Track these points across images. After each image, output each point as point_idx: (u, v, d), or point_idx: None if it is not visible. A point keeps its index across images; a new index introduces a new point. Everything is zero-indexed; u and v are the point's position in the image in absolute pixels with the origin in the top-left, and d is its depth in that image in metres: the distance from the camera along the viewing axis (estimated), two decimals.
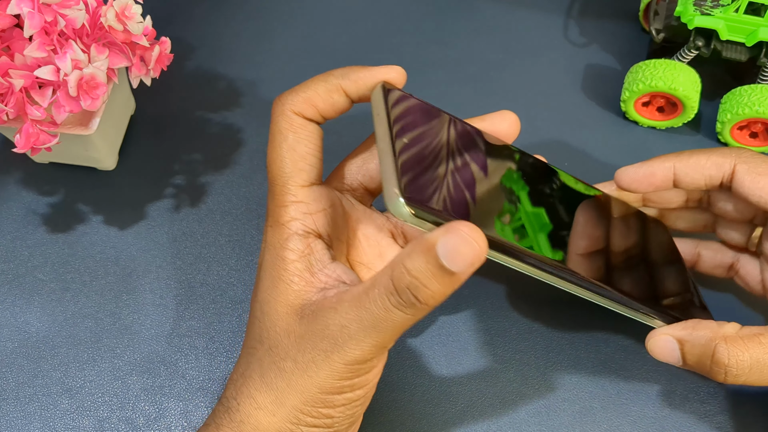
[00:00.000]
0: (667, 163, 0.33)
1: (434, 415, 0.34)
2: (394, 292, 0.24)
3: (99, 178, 0.42)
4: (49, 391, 0.35)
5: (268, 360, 0.27)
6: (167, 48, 0.38)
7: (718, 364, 0.29)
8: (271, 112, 0.29)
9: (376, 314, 0.24)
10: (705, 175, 0.33)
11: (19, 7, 0.32)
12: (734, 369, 0.28)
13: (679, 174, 0.33)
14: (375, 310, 0.24)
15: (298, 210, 0.28)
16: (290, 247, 0.28)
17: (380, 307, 0.24)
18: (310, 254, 0.28)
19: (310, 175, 0.29)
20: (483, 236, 0.23)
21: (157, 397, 0.35)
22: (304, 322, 0.26)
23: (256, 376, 0.27)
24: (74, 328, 0.37)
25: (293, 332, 0.27)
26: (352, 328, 0.25)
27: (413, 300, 0.24)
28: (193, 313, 0.37)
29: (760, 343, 0.28)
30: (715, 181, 0.32)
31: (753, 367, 0.28)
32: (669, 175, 0.33)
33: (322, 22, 0.50)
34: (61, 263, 0.39)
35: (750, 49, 0.42)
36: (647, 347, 0.31)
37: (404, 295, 0.24)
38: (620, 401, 0.35)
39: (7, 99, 0.33)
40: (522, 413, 0.34)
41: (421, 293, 0.23)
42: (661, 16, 0.44)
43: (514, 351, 0.36)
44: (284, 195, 0.28)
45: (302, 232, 0.28)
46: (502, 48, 0.49)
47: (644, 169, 0.33)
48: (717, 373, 0.29)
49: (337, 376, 0.26)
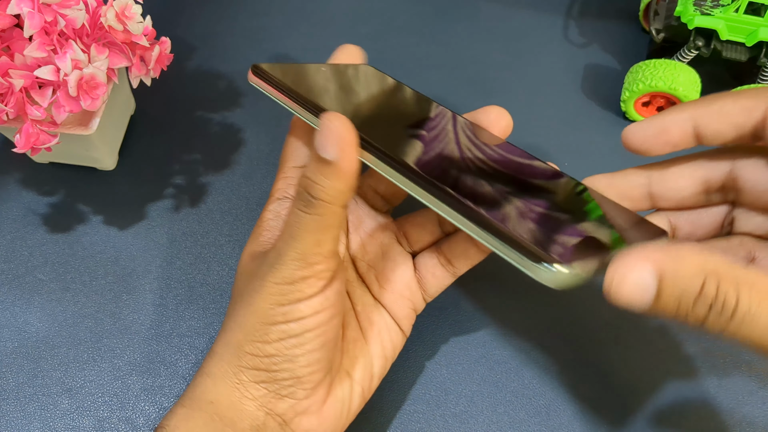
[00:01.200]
0: (684, 113, 0.27)
1: (434, 415, 0.34)
2: (299, 199, 0.26)
3: (99, 178, 0.42)
4: (49, 391, 0.35)
5: (229, 308, 0.29)
6: (167, 48, 0.38)
7: (705, 298, 0.22)
8: None
9: (290, 224, 0.26)
10: (733, 124, 0.26)
11: (19, 7, 0.32)
12: (720, 307, 0.22)
13: (701, 125, 0.27)
14: (290, 221, 0.26)
15: (285, 182, 0.31)
16: (269, 209, 0.31)
17: (292, 216, 0.26)
18: (285, 213, 0.30)
19: (303, 161, 0.31)
20: (347, 123, 0.25)
21: (157, 397, 0.35)
22: (256, 259, 0.29)
23: (223, 331, 0.29)
24: (74, 328, 0.37)
25: (247, 271, 0.29)
26: (279, 247, 0.27)
27: (309, 198, 0.26)
28: (193, 313, 0.37)
29: (755, 286, 0.22)
30: (745, 130, 0.26)
31: (741, 310, 0.22)
32: (688, 129, 0.27)
33: (322, 22, 0.50)
34: (61, 263, 0.39)
35: (750, 49, 0.42)
36: (609, 285, 0.22)
37: (303, 196, 0.26)
38: (620, 401, 0.35)
39: (7, 99, 0.33)
40: (522, 413, 0.34)
41: (313, 190, 0.25)
42: (661, 16, 0.44)
43: (514, 351, 0.36)
44: (278, 173, 0.32)
45: (282, 197, 0.31)
46: (502, 48, 0.49)
47: (657, 124, 0.27)
48: (699, 311, 0.22)
49: (270, 300, 0.27)
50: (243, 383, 0.27)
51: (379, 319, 0.32)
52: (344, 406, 0.29)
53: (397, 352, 0.32)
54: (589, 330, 0.37)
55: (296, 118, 0.32)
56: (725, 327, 0.22)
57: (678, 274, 0.22)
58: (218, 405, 0.27)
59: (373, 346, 0.31)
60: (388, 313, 0.32)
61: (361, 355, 0.31)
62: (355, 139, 0.25)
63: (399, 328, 0.32)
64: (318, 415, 0.28)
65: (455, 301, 0.38)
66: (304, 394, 0.28)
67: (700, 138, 0.27)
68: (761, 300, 0.21)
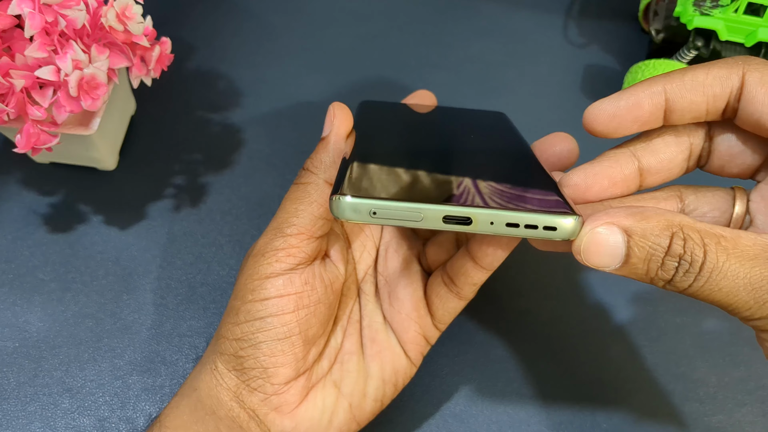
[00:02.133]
0: (656, 86, 0.25)
1: (434, 415, 0.34)
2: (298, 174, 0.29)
3: (99, 178, 0.42)
4: (49, 391, 0.35)
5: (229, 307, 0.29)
6: (167, 48, 0.38)
7: (672, 257, 0.22)
8: None
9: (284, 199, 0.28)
10: (707, 95, 0.24)
11: (20, 7, 0.32)
12: (687, 264, 0.22)
13: (673, 98, 0.25)
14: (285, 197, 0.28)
15: None
16: None
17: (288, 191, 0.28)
18: None
19: None
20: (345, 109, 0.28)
21: (157, 396, 0.35)
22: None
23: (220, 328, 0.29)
24: (75, 327, 0.37)
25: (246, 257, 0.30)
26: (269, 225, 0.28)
27: (300, 170, 0.28)
28: (194, 312, 0.37)
29: (720, 244, 0.22)
30: (720, 101, 0.24)
31: (707, 268, 0.22)
32: (659, 102, 0.25)
33: (323, 22, 0.50)
34: (61, 263, 0.39)
35: (749, 49, 0.42)
36: (578, 247, 0.23)
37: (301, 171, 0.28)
38: (620, 401, 0.35)
39: (8, 99, 0.33)
40: (522, 413, 0.35)
41: (305, 163, 0.28)
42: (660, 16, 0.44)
43: (514, 351, 0.36)
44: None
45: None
46: (503, 48, 0.49)
47: (626, 99, 0.25)
48: (666, 270, 0.22)
49: (245, 275, 0.28)
50: (219, 370, 0.28)
51: (383, 338, 0.31)
52: (324, 415, 0.28)
53: (399, 377, 0.31)
54: (590, 330, 0.37)
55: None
56: (692, 284, 0.22)
57: (645, 232, 0.22)
58: (200, 392, 0.28)
59: (371, 365, 0.30)
60: (394, 335, 0.31)
61: (356, 369, 0.30)
62: (346, 120, 0.28)
63: (405, 353, 0.31)
64: (291, 416, 0.28)
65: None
66: (272, 389, 0.27)
67: (669, 114, 0.25)
68: (728, 256, 0.22)
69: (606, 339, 0.37)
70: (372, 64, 0.47)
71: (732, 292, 0.22)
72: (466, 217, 0.23)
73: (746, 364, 0.36)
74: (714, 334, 0.37)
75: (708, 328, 0.37)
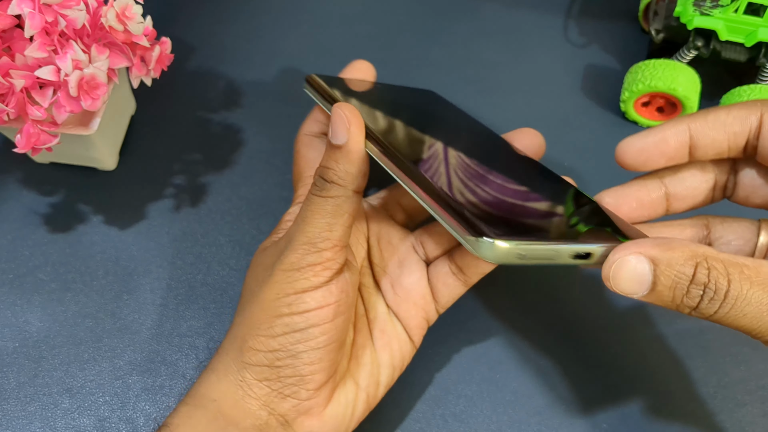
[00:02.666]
0: (681, 125, 0.27)
1: (434, 415, 0.34)
2: (313, 185, 0.28)
3: (99, 178, 0.42)
4: (49, 391, 0.35)
5: (238, 306, 0.29)
6: (168, 48, 0.38)
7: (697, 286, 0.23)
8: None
9: (303, 209, 0.28)
10: (728, 133, 0.27)
11: (20, 7, 0.32)
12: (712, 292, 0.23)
13: (697, 136, 0.27)
14: (303, 207, 0.28)
15: (306, 189, 0.32)
16: (289, 211, 0.32)
17: (306, 202, 0.28)
18: None
19: None
20: (355, 110, 0.27)
21: (157, 396, 0.35)
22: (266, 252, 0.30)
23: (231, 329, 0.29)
24: (75, 327, 0.37)
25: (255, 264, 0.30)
26: (290, 232, 0.28)
27: (323, 182, 0.27)
28: (193, 313, 0.37)
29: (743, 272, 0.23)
30: (740, 139, 0.27)
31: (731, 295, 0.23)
32: (684, 140, 0.27)
33: (322, 22, 0.50)
34: (61, 263, 0.39)
35: (749, 49, 0.42)
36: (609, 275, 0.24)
37: (317, 182, 0.28)
38: (620, 401, 0.35)
39: (7, 99, 0.33)
40: (522, 413, 0.35)
41: (326, 174, 0.27)
42: (660, 16, 0.44)
43: (514, 351, 0.36)
44: (297, 183, 0.33)
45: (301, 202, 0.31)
46: (502, 48, 0.49)
47: (653, 136, 0.28)
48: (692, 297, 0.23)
49: (276, 289, 0.27)
50: (246, 381, 0.27)
51: (390, 328, 0.31)
52: (347, 411, 0.29)
53: (405, 362, 0.32)
54: (590, 330, 0.37)
55: (304, 131, 0.34)
56: (717, 311, 0.23)
57: (671, 261, 0.23)
58: (221, 403, 0.27)
59: (382, 355, 0.31)
60: (401, 323, 0.32)
61: (370, 362, 0.30)
62: (361, 123, 0.28)
63: (409, 338, 0.32)
64: (320, 417, 0.28)
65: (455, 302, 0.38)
66: (307, 395, 0.28)
67: (694, 150, 0.28)
68: (751, 284, 0.23)
69: (606, 339, 0.37)
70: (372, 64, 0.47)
71: (756, 317, 0.23)
72: (588, 253, 0.24)
73: (746, 364, 0.36)
74: (714, 334, 0.37)
75: (708, 328, 0.37)
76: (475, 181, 0.28)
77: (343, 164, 0.27)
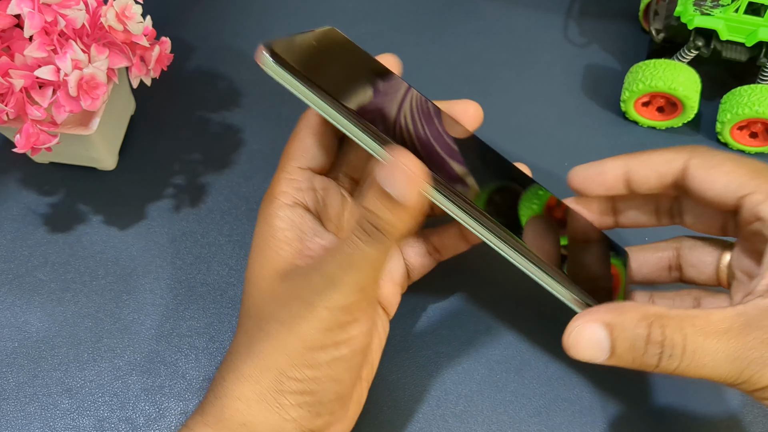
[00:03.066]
0: (619, 161, 0.31)
1: (434, 415, 0.34)
2: (360, 229, 0.26)
3: (99, 178, 0.42)
4: (49, 391, 0.35)
5: (254, 328, 0.27)
6: (167, 48, 0.38)
7: (654, 345, 0.25)
8: None
9: (350, 254, 0.26)
10: (657, 172, 0.30)
11: (20, 7, 0.32)
12: (670, 349, 0.25)
13: (631, 172, 0.31)
14: (349, 251, 0.26)
15: (290, 185, 0.30)
16: (280, 216, 0.29)
17: (353, 246, 0.26)
18: (301, 224, 0.29)
19: (309, 163, 0.31)
20: (417, 162, 0.25)
21: (157, 397, 0.35)
22: (288, 280, 0.27)
23: (242, 349, 0.27)
24: (74, 327, 0.37)
25: (277, 292, 0.27)
26: (332, 273, 0.26)
27: (376, 232, 0.25)
28: (193, 313, 0.37)
29: (695, 325, 0.25)
30: (667, 179, 0.30)
31: (688, 349, 0.25)
32: (620, 174, 0.31)
33: (322, 22, 0.50)
34: (61, 263, 0.39)
35: (750, 49, 0.42)
36: (568, 343, 0.26)
37: (368, 228, 0.25)
38: (620, 401, 0.35)
39: (7, 99, 0.33)
40: (522, 413, 0.34)
41: (381, 224, 0.25)
42: (661, 16, 0.44)
43: (514, 351, 0.36)
44: (281, 172, 0.30)
45: (291, 202, 0.29)
46: (502, 48, 0.49)
47: (594, 168, 0.32)
48: (651, 356, 0.25)
49: (321, 326, 0.26)
50: (283, 406, 0.27)
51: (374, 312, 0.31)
52: (360, 405, 0.30)
53: (384, 338, 0.32)
54: None
55: (310, 114, 0.31)
56: (678, 366, 0.25)
57: (624, 324, 0.25)
58: (252, 427, 0.27)
59: (374, 341, 0.31)
60: (381, 306, 0.32)
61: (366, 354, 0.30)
62: (425, 180, 0.25)
63: (387, 315, 0.32)
64: (344, 421, 0.29)
65: (455, 302, 0.38)
66: (342, 411, 0.28)
67: (629, 182, 0.31)
68: (705, 335, 0.25)
69: None
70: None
71: (716, 366, 0.25)
72: None
73: None
74: None
75: None
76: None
77: (401, 219, 0.25)
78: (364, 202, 0.26)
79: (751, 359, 0.25)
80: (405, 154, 0.25)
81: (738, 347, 0.25)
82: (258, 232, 0.30)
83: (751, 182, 0.28)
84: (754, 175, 0.28)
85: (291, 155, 0.31)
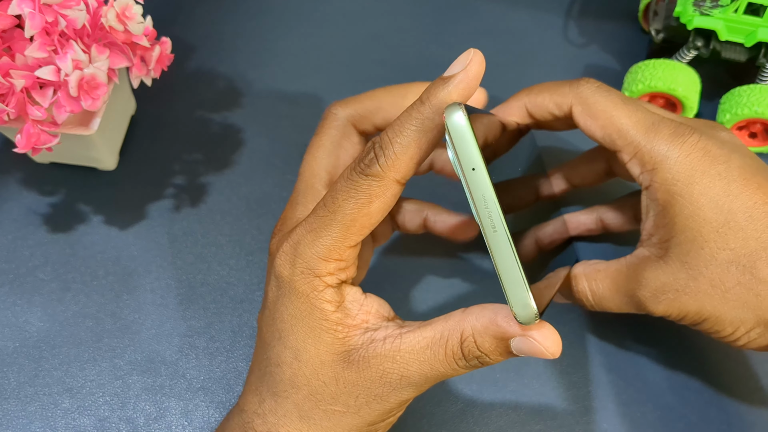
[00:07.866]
0: (519, 101, 0.35)
1: (434, 414, 0.34)
2: (462, 358, 0.26)
3: (100, 178, 0.42)
4: (49, 391, 0.35)
5: (309, 404, 0.27)
6: (168, 48, 0.38)
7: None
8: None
9: (443, 372, 0.27)
10: (548, 112, 0.34)
11: (20, 7, 0.32)
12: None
13: (530, 109, 0.35)
14: (442, 370, 0.27)
15: (338, 266, 0.27)
16: (327, 299, 0.27)
17: (448, 368, 0.27)
18: (345, 301, 0.28)
19: (363, 236, 0.27)
20: (557, 340, 0.25)
21: (157, 396, 0.35)
22: (354, 369, 0.27)
23: (294, 418, 0.28)
24: (75, 327, 0.37)
25: (342, 378, 0.27)
26: (414, 378, 0.27)
27: (478, 365, 0.27)
28: (194, 313, 0.37)
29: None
30: (560, 115, 0.33)
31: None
32: (521, 105, 0.35)
33: (322, 22, 0.50)
34: (61, 263, 0.39)
35: (749, 49, 0.42)
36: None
37: (472, 362, 0.27)
38: (620, 401, 0.35)
39: (8, 99, 0.33)
40: (522, 413, 0.35)
41: (487, 362, 0.27)
42: (660, 16, 0.44)
43: None
44: (329, 250, 0.27)
45: (337, 283, 0.27)
46: (502, 48, 0.49)
47: (502, 109, 0.36)
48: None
49: (389, 413, 0.28)
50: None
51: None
52: None
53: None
54: (590, 331, 0.37)
55: (395, 170, 0.26)
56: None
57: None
58: None
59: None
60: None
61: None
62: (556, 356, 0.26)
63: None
64: None
65: (455, 302, 0.38)
66: None
67: (530, 113, 0.35)
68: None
69: (606, 340, 0.37)
70: (372, 64, 0.47)
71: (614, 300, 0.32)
72: None
73: (746, 364, 0.36)
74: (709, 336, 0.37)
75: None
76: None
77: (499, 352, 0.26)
78: (479, 341, 0.26)
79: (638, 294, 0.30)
80: (547, 335, 0.25)
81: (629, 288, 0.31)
82: (299, 308, 0.27)
83: (619, 140, 0.31)
84: (623, 131, 0.31)
85: (349, 228, 0.26)
